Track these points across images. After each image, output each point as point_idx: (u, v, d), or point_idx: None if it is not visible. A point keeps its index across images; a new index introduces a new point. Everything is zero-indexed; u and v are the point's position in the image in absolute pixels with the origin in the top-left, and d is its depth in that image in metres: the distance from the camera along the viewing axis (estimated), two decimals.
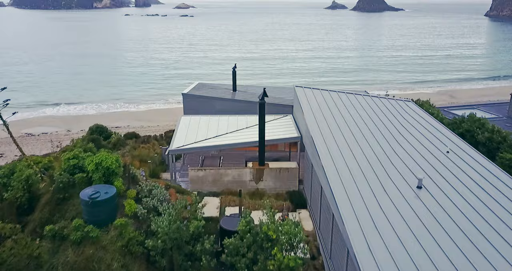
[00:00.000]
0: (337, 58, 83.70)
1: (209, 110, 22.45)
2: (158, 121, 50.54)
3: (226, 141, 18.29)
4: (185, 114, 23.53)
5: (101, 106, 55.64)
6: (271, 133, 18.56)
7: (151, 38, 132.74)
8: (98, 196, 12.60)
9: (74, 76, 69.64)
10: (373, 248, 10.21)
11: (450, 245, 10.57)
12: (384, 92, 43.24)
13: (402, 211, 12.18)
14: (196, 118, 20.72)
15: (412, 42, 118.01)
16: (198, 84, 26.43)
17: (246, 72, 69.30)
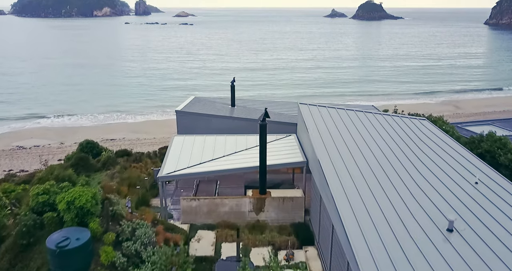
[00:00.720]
0: (338, 69, 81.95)
1: (205, 128, 20.41)
2: (154, 133, 48.56)
3: (223, 165, 16.23)
4: (179, 132, 21.50)
5: (97, 118, 53.71)
6: (273, 156, 16.45)
7: (150, 47, 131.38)
8: (67, 244, 10.53)
9: (70, 86, 67.81)
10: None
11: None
12: (384, 103, 41.33)
13: (430, 259, 10.16)
14: (190, 138, 18.62)
15: (414, 51, 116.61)
16: (194, 99, 24.40)
17: (245, 83, 67.48)
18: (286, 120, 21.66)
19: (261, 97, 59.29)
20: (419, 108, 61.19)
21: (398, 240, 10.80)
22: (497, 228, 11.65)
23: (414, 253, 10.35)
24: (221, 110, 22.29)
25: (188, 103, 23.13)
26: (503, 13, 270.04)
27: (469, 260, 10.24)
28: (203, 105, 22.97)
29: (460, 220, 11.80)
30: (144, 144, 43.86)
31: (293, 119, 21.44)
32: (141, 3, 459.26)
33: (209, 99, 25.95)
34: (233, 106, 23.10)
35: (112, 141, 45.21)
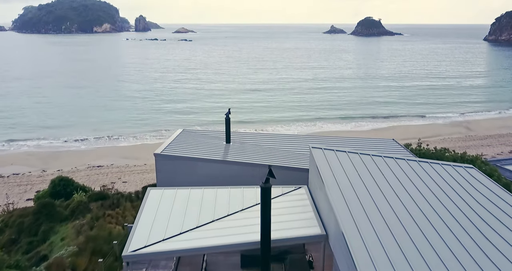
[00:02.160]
0: (341, 89, 78.40)
1: (191, 175, 16.50)
2: (145, 159, 44.91)
3: (211, 238, 12.02)
4: (158, 182, 17.28)
5: (86, 141, 50.19)
6: (278, 225, 12.12)
7: (146, 64, 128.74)
8: None
9: (59, 107, 64.40)
10: None
11: None
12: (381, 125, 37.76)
13: None
14: (170, 193, 14.42)
15: (417, 69, 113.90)
16: (181, 133, 20.58)
17: (244, 105, 64.02)
18: (295, 165, 17.35)
19: (261, 121, 56.01)
20: (428, 130, 57.87)
21: None
22: None
23: None
24: (212, 150, 18.13)
25: (174, 139, 19.14)
26: (502, 29, 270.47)
27: None
28: (191, 142, 19.02)
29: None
30: (133, 171, 40.27)
31: (303, 162, 17.35)
32: (141, 19, 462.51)
33: (200, 133, 22.09)
34: (228, 143, 19.31)
35: (99, 168, 41.66)
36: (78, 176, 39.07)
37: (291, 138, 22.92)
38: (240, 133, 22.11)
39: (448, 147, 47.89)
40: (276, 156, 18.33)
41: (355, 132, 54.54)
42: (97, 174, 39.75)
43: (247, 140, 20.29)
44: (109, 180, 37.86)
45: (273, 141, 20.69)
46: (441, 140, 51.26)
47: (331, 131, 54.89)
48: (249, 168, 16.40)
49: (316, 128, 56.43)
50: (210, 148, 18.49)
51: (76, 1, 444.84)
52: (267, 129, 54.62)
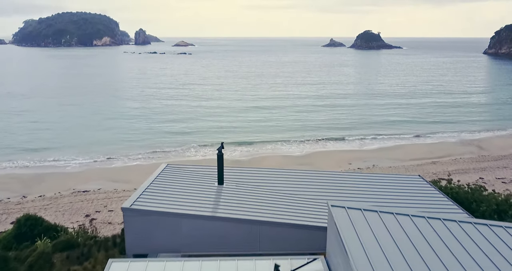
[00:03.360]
0: (345, 107, 74.79)
1: (172, 237, 12.84)
2: (136, 182, 41.43)
3: None
4: (127, 247, 13.24)
5: (74, 162, 46.91)
6: None
7: (142, 79, 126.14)
8: None
9: (48, 124, 61.13)
10: None
11: None
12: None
13: None
14: (138, 267, 10.67)
15: (421, 85, 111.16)
16: (165, 171, 17.01)
17: (244, 124, 60.77)
18: (307, 221, 13.24)
19: (262, 142, 52.76)
20: (438, 149, 54.62)
21: None
22: None
23: None
24: (201, 198, 14.49)
25: (152, 182, 15.54)
26: (502, 43, 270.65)
27: None
28: (174, 187, 15.32)
29: None
30: (122, 197, 36.76)
31: (318, 214, 13.51)
32: (140, 32, 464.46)
33: (187, 170, 18.41)
34: (221, 185, 15.72)
35: (85, 193, 38.22)
36: (61, 203, 35.72)
37: (299, 176, 18.82)
38: (236, 169, 18.16)
39: (462, 169, 44.94)
40: (281, 205, 14.63)
41: (360, 152, 51.47)
42: (81, 201, 36.33)
43: (245, 178, 16.50)
44: (93, 208, 34.43)
45: (277, 180, 17.01)
46: (453, 161, 48.07)
47: (335, 150, 51.79)
48: (246, 226, 12.73)
49: (320, 147, 53.35)
50: (198, 195, 14.63)
51: (76, 15, 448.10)
52: (268, 148, 51.49)
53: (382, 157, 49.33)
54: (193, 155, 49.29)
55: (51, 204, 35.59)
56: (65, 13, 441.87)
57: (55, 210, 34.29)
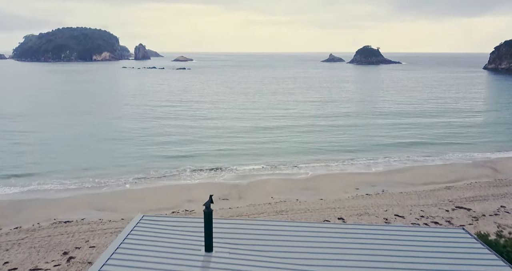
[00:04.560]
0: (351, 127, 71.25)
1: None
2: (123, 210, 37.78)
3: None
4: None
5: (60, 186, 43.27)
6: None
7: (138, 96, 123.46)
8: None
9: (34, 146, 57.27)
10: None
11: None
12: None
13: None
14: None
15: (425, 102, 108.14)
16: (140, 223, 13.22)
17: (243, 146, 56.86)
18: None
19: (263, 167, 49.14)
20: (450, 172, 50.91)
21: None
22: None
23: None
24: None
25: (119, 246, 11.91)
26: (502, 58, 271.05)
27: None
28: (149, 251, 11.53)
29: None
30: (106, 230, 32.99)
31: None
32: (140, 47, 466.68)
33: (167, 224, 14.23)
34: (209, 252, 11.60)
35: (66, 224, 34.44)
36: (38, 237, 31.94)
37: (317, 231, 13.80)
38: (230, 224, 13.99)
39: (480, 195, 41.27)
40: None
41: (367, 175, 48.02)
42: (61, 234, 32.57)
43: (242, 239, 12.27)
44: (74, 243, 30.66)
45: (287, 240, 12.46)
46: (469, 186, 44.52)
47: (341, 173, 48.32)
48: None
49: (324, 169, 50.08)
50: (177, 268, 10.85)
51: (76, 30, 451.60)
52: (269, 171, 47.99)
53: (391, 181, 45.82)
54: (188, 179, 45.82)
55: (27, 238, 31.82)
56: (65, 28, 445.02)
57: (30, 245, 30.51)
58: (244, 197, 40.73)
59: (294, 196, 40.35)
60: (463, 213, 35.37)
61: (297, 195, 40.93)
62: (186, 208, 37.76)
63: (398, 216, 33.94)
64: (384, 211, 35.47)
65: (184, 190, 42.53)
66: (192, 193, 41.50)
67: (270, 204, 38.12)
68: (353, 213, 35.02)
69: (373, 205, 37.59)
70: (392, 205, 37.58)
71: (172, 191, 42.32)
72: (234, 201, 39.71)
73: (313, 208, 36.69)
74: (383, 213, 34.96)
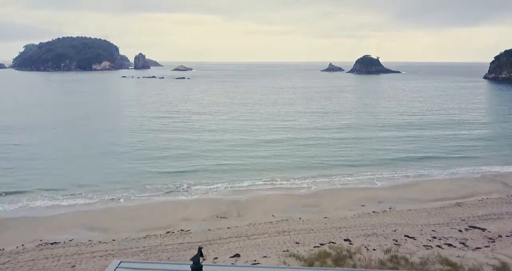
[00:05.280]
0: (350, 139, 69.28)
1: None
2: (116, 230, 35.46)
3: None
4: None
5: (47, 203, 41.04)
6: None
7: (134, 105, 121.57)
8: None
9: (22, 161, 54.72)
10: None
11: None
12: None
13: None
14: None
15: (428, 111, 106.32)
16: None
17: (242, 162, 54.31)
18: None
19: (263, 182, 46.90)
20: (459, 187, 48.69)
21: None
22: None
23: None
24: None
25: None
26: (502, 68, 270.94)
27: None
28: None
29: None
30: (95, 253, 30.64)
31: None
32: (140, 57, 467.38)
33: None
34: None
35: (53, 246, 32.06)
36: (20, 262, 29.58)
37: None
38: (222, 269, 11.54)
39: (494, 213, 38.97)
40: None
41: (372, 190, 45.89)
42: (46, 258, 30.24)
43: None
44: (58, 269, 28.29)
45: None
46: (480, 202, 42.28)
47: (345, 188, 46.16)
48: None
49: (327, 184, 48.08)
50: None
51: (76, 40, 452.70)
52: (269, 186, 45.83)
53: (398, 197, 43.63)
54: (184, 195, 43.64)
55: (9, 262, 29.47)
56: (65, 38, 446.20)
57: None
58: (243, 215, 38.52)
59: (297, 214, 38.14)
60: (477, 234, 33.10)
61: (299, 212, 38.73)
62: (182, 227, 35.52)
63: (408, 237, 31.70)
64: (393, 231, 33.23)
65: (180, 207, 40.32)
66: (189, 210, 39.30)
67: (271, 223, 35.89)
68: (360, 234, 32.76)
69: (381, 224, 35.36)
70: (401, 224, 35.37)
71: (167, 208, 40.10)
72: (233, 219, 37.48)
73: (317, 227, 34.46)
74: (392, 233, 32.71)
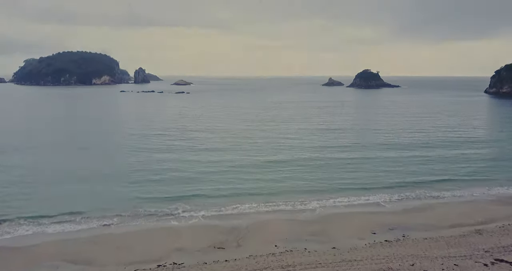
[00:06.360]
0: (356, 159, 64.93)
1: None
2: (101, 263, 31.66)
3: None
4: None
5: (28, 231, 37.46)
6: None
7: (129, 121, 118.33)
8: None
9: (3, 185, 50.84)
10: None
11: None
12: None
13: None
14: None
15: (434, 128, 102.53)
16: None
17: (242, 186, 50.29)
18: None
19: (264, 206, 43.27)
20: (475, 211, 44.89)
21: None
22: None
23: None
24: None
25: None
26: (503, 82, 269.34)
27: None
28: None
29: None
30: None
31: None
32: (140, 71, 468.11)
33: None
34: None
35: None
36: None
37: None
38: None
39: None
40: None
41: (383, 215, 42.44)
42: None
43: None
44: None
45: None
46: (502, 229, 38.63)
47: (353, 212, 42.66)
48: None
49: (333, 208, 44.71)
50: None
51: (76, 54, 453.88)
52: (270, 211, 42.38)
53: (411, 222, 40.09)
54: (179, 221, 40.17)
55: None
56: (66, 53, 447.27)
57: None
58: (243, 245, 34.91)
59: (302, 244, 34.56)
60: (506, 269, 29.47)
61: (305, 242, 35.15)
62: (175, 259, 31.92)
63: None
64: (411, 266, 29.59)
65: (174, 235, 36.76)
66: (183, 239, 35.74)
67: (274, 255, 32.23)
68: (374, 269, 29.11)
69: (396, 256, 31.72)
70: (418, 256, 31.72)
71: (160, 236, 36.54)
72: (232, 250, 33.86)
73: (325, 261, 30.80)
74: (409, 269, 29.09)
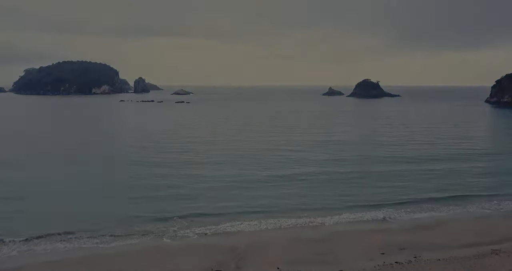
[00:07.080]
0: (361, 174, 62.15)
1: None
2: None
3: None
4: None
5: (9, 253, 35.02)
6: None
7: (126, 132, 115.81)
8: None
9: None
10: None
11: None
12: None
13: None
14: None
15: (439, 140, 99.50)
16: None
17: (239, 200, 47.92)
18: None
19: (265, 224, 40.72)
20: (488, 228, 42.23)
21: None
22: None
23: None
24: None
25: None
26: (503, 91, 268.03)
27: None
28: None
29: None
30: None
31: None
32: (140, 81, 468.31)
33: None
34: None
35: None
36: None
37: None
38: None
39: None
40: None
41: (392, 233, 40.00)
42: None
43: None
44: None
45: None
46: None
47: (360, 230, 40.20)
48: None
49: (339, 226, 42.25)
50: None
51: (76, 64, 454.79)
52: (272, 229, 39.97)
53: (422, 241, 37.56)
54: (174, 239, 37.70)
55: None
56: (66, 62, 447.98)
57: None
58: (243, 267, 32.38)
59: (306, 266, 32.05)
60: None
61: (310, 264, 32.63)
62: None
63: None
64: None
65: (168, 256, 34.24)
66: (178, 261, 33.22)
67: None
68: None
69: None
70: None
71: (154, 258, 34.00)
72: None
73: None
74: None
